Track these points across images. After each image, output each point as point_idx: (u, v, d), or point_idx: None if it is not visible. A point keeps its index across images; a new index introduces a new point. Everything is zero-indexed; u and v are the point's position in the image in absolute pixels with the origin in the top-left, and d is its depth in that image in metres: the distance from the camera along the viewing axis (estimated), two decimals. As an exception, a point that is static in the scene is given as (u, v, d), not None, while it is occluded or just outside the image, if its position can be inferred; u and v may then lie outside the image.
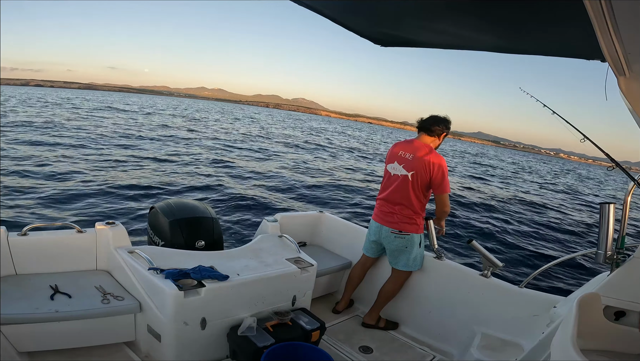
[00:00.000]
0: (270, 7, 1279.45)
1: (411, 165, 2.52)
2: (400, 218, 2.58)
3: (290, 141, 24.72)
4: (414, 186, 2.53)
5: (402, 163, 2.57)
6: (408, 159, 2.55)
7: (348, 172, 15.51)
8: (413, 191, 2.53)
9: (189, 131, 23.34)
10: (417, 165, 2.50)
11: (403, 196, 2.56)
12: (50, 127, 17.37)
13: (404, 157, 2.57)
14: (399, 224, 2.58)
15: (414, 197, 2.54)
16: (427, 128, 2.61)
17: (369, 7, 1.49)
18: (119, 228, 2.28)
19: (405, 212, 2.57)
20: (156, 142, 17.01)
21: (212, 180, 10.43)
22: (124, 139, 16.65)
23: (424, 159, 2.49)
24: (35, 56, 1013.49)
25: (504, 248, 8.04)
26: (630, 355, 1.52)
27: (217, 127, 29.32)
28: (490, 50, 1.74)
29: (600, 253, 1.78)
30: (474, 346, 2.23)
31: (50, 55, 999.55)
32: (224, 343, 2.08)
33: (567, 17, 1.16)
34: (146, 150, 14.72)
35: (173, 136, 19.74)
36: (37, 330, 1.80)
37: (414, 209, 2.55)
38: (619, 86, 1.26)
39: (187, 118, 36.44)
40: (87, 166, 10.08)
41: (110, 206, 6.72)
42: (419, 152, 2.52)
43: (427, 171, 2.49)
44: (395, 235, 2.59)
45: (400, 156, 2.59)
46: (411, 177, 2.52)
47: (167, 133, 20.65)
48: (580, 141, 1.87)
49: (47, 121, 19.39)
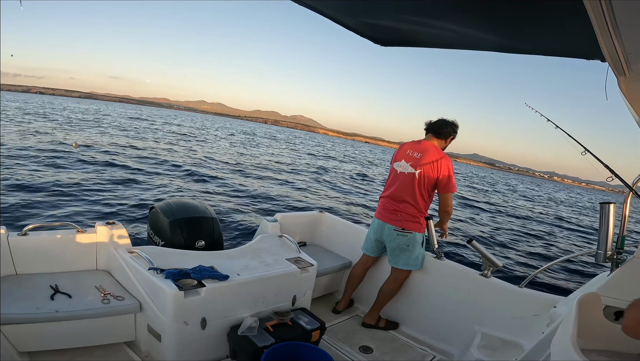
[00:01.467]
0: (272, 20, 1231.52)
1: (419, 163, 2.54)
2: (403, 216, 2.58)
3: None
4: (420, 184, 2.54)
5: (409, 161, 2.58)
6: (416, 157, 2.56)
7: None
8: (419, 189, 2.54)
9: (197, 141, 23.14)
10: (425, 164, 2.51)
11: (408, 193, 2.56)
12: (50, 127, 17.36)
13: (411, 156, 2.59)
14: (402, 222, 2.58)
15: (419, 195, 2.55)
16: (435, 130, 2.64)
17: (369, 6, 1.49)
18: (119, 228, 2.28)
19: (409, 210, 2.57)
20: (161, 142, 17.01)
21: (212, 180, 10.43)
22: (124, 140, 16.65)
23: (431, 158, 2.51)
24: (40, 62, 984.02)
25: (504, 248, 8.04)
26: (630, 355, 1.52)
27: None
28: (491, 50, 1.74)
29: (600, 253, 1.78)
30: (474, 346, 2.23)
31: (55, 62, 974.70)
32: (224, 343, 2.08)
33: (567, 17, 1.16)
34: (146, 150, 14.71)
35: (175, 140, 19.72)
36: (37, 330, 1.80)
37: (418, 208, 2.56)
38: (619, 86, 1.26)
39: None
40: (87, 165, 10.08)
41: (110, 206, 6.72)
42: (427, 152, 2.54)
43: (434, 170, 2.51)
44: (398, 233, 2.59)
45: (407, 155, 2.61)
46: (418, 176, 2.53)
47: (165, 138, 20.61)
48: (581, 153, 1.92)
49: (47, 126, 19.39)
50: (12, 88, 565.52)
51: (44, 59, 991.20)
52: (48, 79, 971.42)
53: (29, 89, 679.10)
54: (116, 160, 11.50)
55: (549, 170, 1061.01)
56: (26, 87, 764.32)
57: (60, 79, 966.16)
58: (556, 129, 2.03)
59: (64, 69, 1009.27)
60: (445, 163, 2.52)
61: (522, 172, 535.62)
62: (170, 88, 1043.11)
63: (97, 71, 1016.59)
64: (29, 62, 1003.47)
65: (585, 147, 1.90)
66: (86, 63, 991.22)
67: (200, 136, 29.09)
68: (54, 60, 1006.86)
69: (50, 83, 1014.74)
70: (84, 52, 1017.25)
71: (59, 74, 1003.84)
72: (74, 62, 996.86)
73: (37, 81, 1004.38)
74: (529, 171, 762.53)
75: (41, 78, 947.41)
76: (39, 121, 22.48)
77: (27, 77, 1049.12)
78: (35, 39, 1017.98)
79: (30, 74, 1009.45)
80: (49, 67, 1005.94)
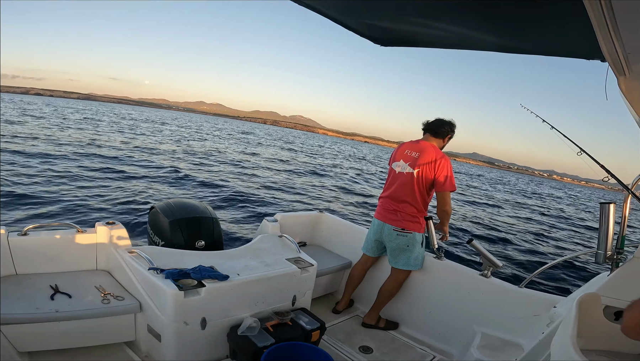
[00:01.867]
0: (272, 20, 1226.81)
1: (417, 163, 2.54)
2: (403, 216, 2.58)
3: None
4: (419, 183, 2.54)
5: (407, 161, 2.59)
6: (414, 157, 2.57)
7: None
8: (418, 188, 2.55)
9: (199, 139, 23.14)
10: (423, 163, 2.52)
11: (407, 193, 2.57)
12: (51, 129, 17.36)
13: (409, 156, 2.59)
14: (402, 222, 2.59)
15: (419, 194, 2.55)
16: (433, 130, 2.64)
17: (369, 6, 1.49)
18: (119, 228, 2.28)
19: (408, 210, 2.57)
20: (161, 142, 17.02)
21: (212, 180, 10.43)
22: (125, 140, 16.65)
23: (429, 157, 2.52)
24: (39, 64, 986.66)
25: (504, 247, 8.05)
26: (630, 355, 1.52)
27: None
28: (491, 50, 1.74)
29: (600, 253, 1.78)
30: (474, 346, 2.23)
31: (54, 63, 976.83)
32: (224, 343, 2.08)
33: (567, 16, 1.16)
34: (146, 150, 14.72)
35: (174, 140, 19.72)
36: (37, 329, 1.80)
37: (417, 207, 2.56)
38: (619, 86, 1.26)
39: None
40: (87, 166, 10.08)
41: (110, 206, 6.72)
42: (425, 151, 2.55)
43: (432, 169, 2.51)
44: (398, 233, 2.59)
45: (406, 155, 2.61)
46: (416, 175, 2.54)
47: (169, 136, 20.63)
48: (577, 154, 1.91)
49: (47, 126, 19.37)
50: (10, 90, 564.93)
51: (42, 60, 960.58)
52: (47, 80, 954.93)
53: (27, 90, 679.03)
54: (116, 160, 11.51)
55: (548, 168, 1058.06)
56: (25, 88, 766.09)
57: (59, 81, 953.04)
58: (552, 129, 2.03)
59: (63, 70, 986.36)
60: (444, 162, 2.52)
61: (521, 171, 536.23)
62: (169, 89, 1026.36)
63: (96, 72, 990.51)
64: (28, 64, 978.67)
65: (581, 148, 1.90)
66: (85, 64, 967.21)
67: (200, 136, 29.17)
68: (53, 61, 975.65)
69: (49, 84, 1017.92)
70: (83, 54, 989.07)
71: (58, 75, 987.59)
72: (73, 63, 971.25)
73: (36, 83, 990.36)
74: (528, 169, 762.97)
75: (40, 80, 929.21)
76: (37, 122, 22.49)
77: (26, 79, 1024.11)
78: (34, 40, 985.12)
79: (29, 76, 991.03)
80: (47, 69, 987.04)
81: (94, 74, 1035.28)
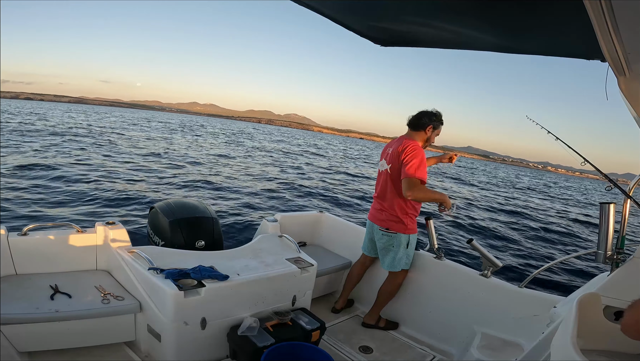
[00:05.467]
0: (265, 17, 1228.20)
1: (390, 158, 2.53)
2: (387, 216, 2.57)
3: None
4: (393, 178, 2.49)
5: (385, 158, 2.59)
6: (389, 153, 2.56)
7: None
8: (393, 184, 2.50)
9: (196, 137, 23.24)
10: (393, 156, 2.49)
11: (387, 190, 2.56)
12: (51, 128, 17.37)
13: (387, 152, 2.60)
14: (386, 222, 2.58)
15: (395, 190, 2.49)
16: (413, 123, 2.58)
17: (368, 6, 1.49)
18: (119, 228, 2.28)
19: (392, 210, 2.54)
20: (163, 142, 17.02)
21: (212, 179, 10.43)
22: (126, 139, 16.65)
23: (397, 149, 2.47)
24: (28, 68, 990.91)
25: (504, 247, 8.04)
26: (630, 355, 1.52)
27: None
28: (491, 50, 1.74)
29: (600, 253, 1.78)
30: (474, 346, 2.23)
31: (44, 67, 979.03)
32: (224, 343, 2.08)
33: (567, 16, 1.16)
34: (146, 150, 14.72)
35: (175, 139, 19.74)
36: (37, 329, 1.80)
37: (398, 205, 2.51)
38: (619, 86, 1.26)
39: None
40: (87, 165, 10.08)
41: (110, 206, 6.72)
42: (399, 145, 2.49)
43: (398, 159, 2.43)
44: (383, 233, 2.59)
45: (386, 152, 2.62)
46: (390, 170, 2.51)
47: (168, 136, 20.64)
48: (580, 164, 1.93)
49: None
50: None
51: (31, 64, 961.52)
52: (37, 84, 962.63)
53: (17, 95, 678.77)
54: (116, 160, 11.51)
55: (542, 160, 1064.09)
56: (15, 93, 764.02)
57: (50, 85, 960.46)
58: (556, 140, 2.03)
59: (53, 74, 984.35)
60: (409, 149, 2.39)
61: (516, 163, 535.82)
62: (162, 90, 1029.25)
63: (87, 75, 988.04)
64: (17, 68, 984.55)
65: (585, 158, 1.91)
66: (75, 67, 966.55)
67: (196, 137, 29.15)
68: (42, 65, 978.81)
69: (39, 89, 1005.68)
70: (72, 57, 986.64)
71: (48, 79, 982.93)
72: (63, 67, 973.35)
73: (25, 87, 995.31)
74: (522, 161, 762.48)
75: (30, 84, 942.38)
76: (38, 121, 22.47)
77: (16, 84, 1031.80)
78: (23, 43, 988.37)
79: (18, 80, 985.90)
80: (37, 73, 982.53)
81: (84, 77, 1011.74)
